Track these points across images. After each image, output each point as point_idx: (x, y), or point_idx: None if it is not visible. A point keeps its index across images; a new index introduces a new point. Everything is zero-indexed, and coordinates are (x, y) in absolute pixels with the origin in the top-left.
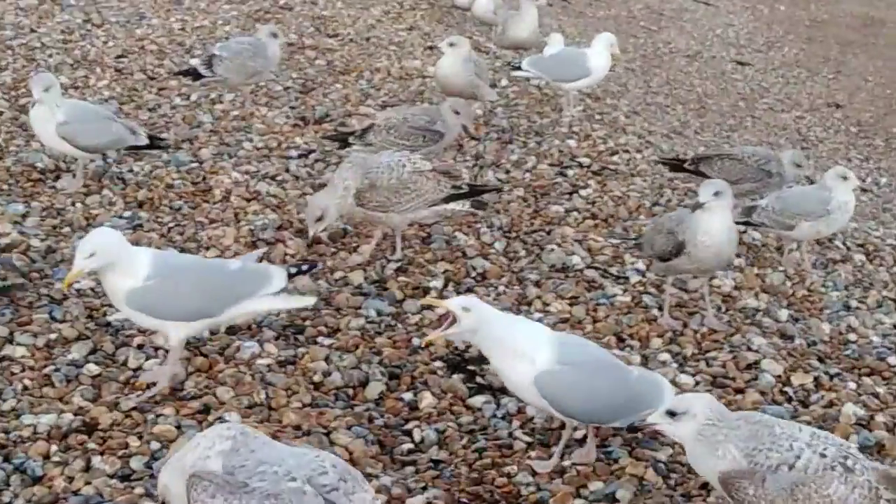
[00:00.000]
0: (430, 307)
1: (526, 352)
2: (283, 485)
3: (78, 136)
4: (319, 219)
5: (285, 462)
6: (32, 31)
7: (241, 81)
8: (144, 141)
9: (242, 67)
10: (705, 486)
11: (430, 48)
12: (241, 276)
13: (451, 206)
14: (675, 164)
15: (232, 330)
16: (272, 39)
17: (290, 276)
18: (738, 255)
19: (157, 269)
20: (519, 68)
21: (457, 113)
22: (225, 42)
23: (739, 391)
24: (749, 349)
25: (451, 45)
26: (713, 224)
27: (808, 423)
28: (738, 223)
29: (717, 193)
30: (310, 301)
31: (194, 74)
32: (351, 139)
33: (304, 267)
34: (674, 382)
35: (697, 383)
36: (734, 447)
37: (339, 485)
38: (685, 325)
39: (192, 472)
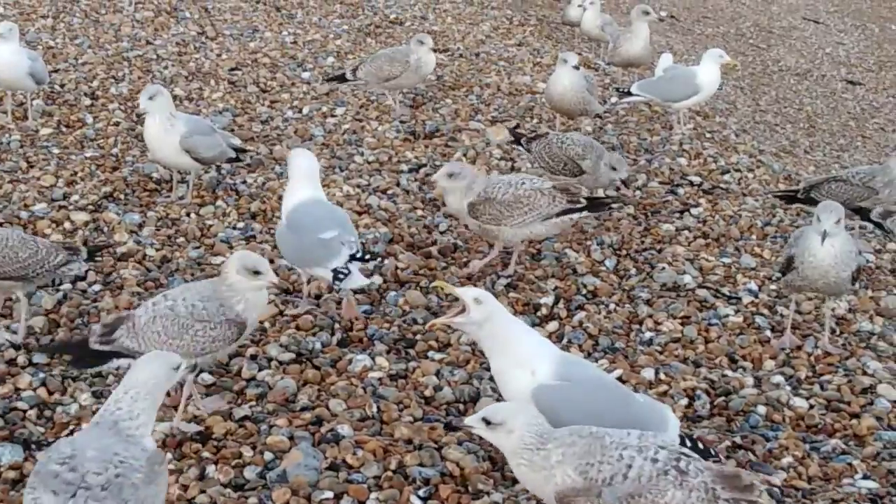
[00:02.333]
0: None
1: (528, 361)
2: (49, 466)
3: (199, 148)
4: (451, 175)
5: (83, 451)
6: (148, 43)
7: (379, 85)
8: (232, 154)
9: (379, 71)
10: None
11: (537, 64)
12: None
13: (567, 217)
14: (790, 197)
15: (343, 343)
16: (418, 46)
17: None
18: (855, 280)
19: None
20: (628, 93)
21: (613, 169)
22: None
23: (855, 416)
24: (864, 373)
25: (565, 61)
26: (822, 245)
27: None
28: (872, 223)
29: (838, 221)
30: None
31: (340, 78)
32: (521, 140)
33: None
34: (787, 405)
35: (812, 406)
36: (570, 467)
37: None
38: (799, 348)
39: None
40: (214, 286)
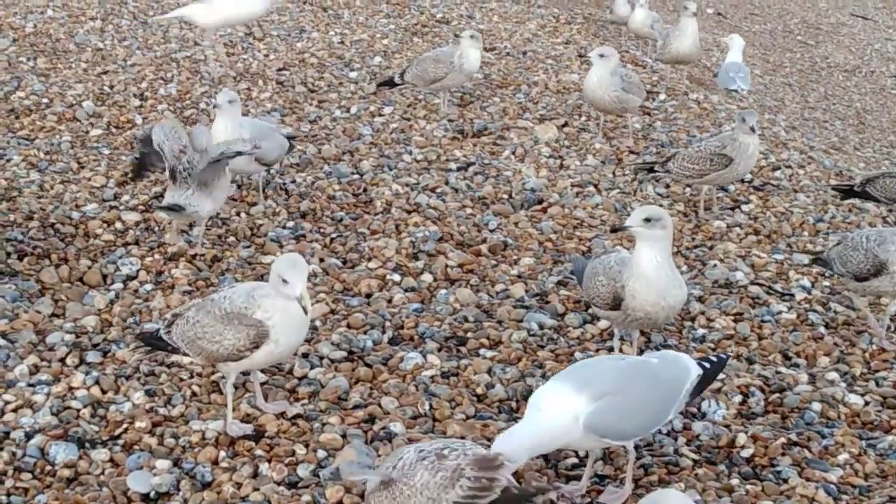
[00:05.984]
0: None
1: (571, 420)
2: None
3: (267, 155)
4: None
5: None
6: (196, 44)
7: (425, 87)
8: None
9: (425, 74)
10: None
11: (581, 56)
12: None
13: None
14: (847, 190)
15: (395, 341)
16: (466, 41)
17: None
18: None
19: None
20: None
21: (752, 129)
22: None
23: None
24: None
25: (601, 56)
26: None
27: None
28: None
29: None
30: None
31: (390, 83)
32: (656, 167)
33: None
34: (842, 402)
35: (867, 403)
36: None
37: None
38: (853, 345)
39: None
40: None
